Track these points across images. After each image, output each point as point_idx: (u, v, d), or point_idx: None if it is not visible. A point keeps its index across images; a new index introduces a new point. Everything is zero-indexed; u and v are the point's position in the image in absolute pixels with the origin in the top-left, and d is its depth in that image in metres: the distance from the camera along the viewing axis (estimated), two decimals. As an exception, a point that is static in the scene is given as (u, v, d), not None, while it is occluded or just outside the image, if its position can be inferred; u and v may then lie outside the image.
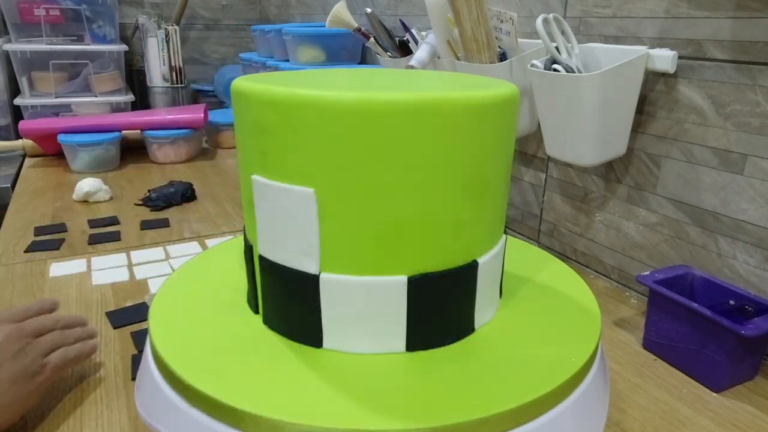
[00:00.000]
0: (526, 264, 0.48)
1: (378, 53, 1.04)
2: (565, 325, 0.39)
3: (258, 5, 2.03)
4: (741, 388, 0.53)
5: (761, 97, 0.56)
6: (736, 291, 0.57)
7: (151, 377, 0.37)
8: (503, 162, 0.36)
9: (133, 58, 1.84)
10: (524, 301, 0.42)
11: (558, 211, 0.82)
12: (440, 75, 0.43)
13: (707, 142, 0.61)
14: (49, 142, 1.22)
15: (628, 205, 0.71)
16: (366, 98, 0.30)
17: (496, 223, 0.37)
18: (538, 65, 0.68)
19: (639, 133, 0.68)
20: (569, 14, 0.75)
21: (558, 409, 0.32)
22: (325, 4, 1.54)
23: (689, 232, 0.65)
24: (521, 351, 0.35)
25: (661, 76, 0.65)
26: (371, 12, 0.98)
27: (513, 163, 0.89)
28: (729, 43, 0.58)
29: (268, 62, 1.42)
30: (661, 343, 0.57)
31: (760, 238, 0.58)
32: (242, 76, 0.38)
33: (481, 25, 0.75)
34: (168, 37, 1.64)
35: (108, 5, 1.62)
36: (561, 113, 0.68)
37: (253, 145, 0.35)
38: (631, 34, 0.67)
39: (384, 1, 1.23)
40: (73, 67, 1.60)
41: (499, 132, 0.34)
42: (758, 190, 0.57)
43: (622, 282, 0.74)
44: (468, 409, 0.30)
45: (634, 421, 0.48)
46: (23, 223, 0.91)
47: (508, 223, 0.92)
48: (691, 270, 0.61)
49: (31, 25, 1.57)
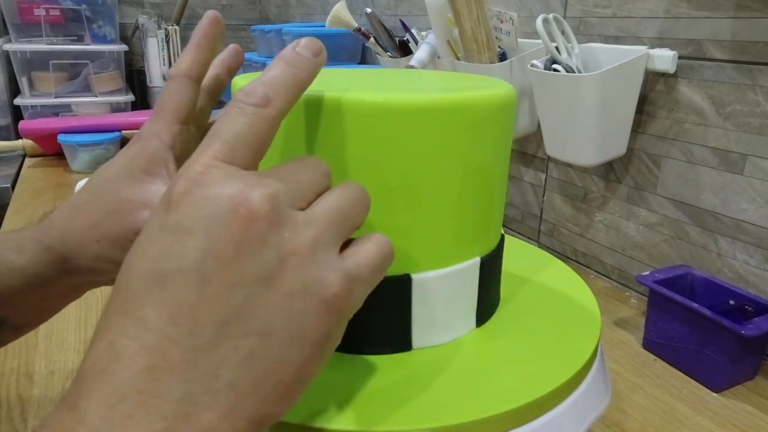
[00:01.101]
0: (526, 264, 0.47)
1: (378, 53, 1.04)
2: (565, 325, 0.39)
3: (258, 5, 2.03)
4: (741, 388, 0.53)
5: (761, 97, 0.56)
6: (736, 291, 0.57)
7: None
8: (501, 162, 0.36)
9: (133, 58, 1.84)
10: (524, 301, 0.42)
11: (558, 211, 0.82)
12: (440, 75, 0.43)
13: (707, 142, 0.61)
14: (49, 142, 1.22)
15: (628, 205, 0.71)
16: (365, 99, 0.30)
17: (495, 223, 0.37)
18: (538, 65, 0.68)
19: (639, 133, 0.68)
20: (569, 14, 0.75)
21: (558, 410, 0.32)
22: (325, 4, 1.54)
23: (689, 232, 0.65)
24: (520, 351, 0.35)
25: (661, 76, 0.65)
26: (371, 12, 0.98)
27: (513, 163, 0.89)
28: (729, 43, 0.58)
29: (268, 62, 1.41)
30: (661, 343, 0.57)
31: (760, 238, 0.58)
32: (242, 75, 0.38)
33: (481, 25, 0.75)
34: (168, 37, 1.64)
35: (108, 5, 1.62)
36: (561, 113, 0.68)
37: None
38: (631, 34, 0.67)
39: (384, 1, 1.23)
40: (73, 67, 1.60)
41: (496, 132, 0.34)
42: (758, 190, 0.57)
43: (622, 282, 0.74)
44: (467, 410, 0.29)
45: (634, 421, 0.48)
46: (23, 223, 0.91)
47: (508, 223, 0.92)
48: (691, 270, 0.61)
49: (31, 25, 1.57)
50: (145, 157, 0.33)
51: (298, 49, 0.26)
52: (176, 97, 0.34)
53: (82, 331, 0.60)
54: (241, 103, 0.23)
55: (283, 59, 0.25)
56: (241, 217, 0.20)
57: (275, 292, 0.21)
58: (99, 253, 0.32)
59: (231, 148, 0.22)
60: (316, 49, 0.26)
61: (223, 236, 0.20)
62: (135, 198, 0.32)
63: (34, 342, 0.57)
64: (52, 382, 0.51)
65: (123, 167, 0.33)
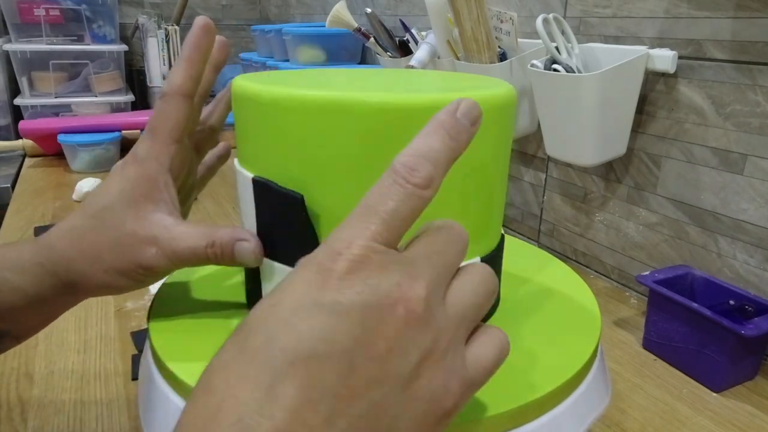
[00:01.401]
0: (526, 264, 0.47)
1: (378, 53, 1.04)
2: (565, 325, 0.39)
3: (258, 5, 2.03)
4: (741, 388, 0.53)
5: (761, 97, 0.56)
6: (736, 291, 0.57)
7: (151, 377, 0.37)
8: (501, 162, 0.36)
9: (133, 58, 1.84)
10: (524, 300, 0.42)
11: (558, 211, 0.82)
12: (440, 75, 0.43)
13: (707, 142, 0.61)
14: (49, 142, 1.22)
15: (628, 205, 0.71)
16: (365, 99, 0.30)
17: (494, 224, 0.37)
18: (538, 65, 0.68)
19: (639, 133, 0.68)
20: (569, 14, 0.75)
21: (558, 410, 0.32)
22: (325, 4, 1.54)
23: (689, 232, 0.65)
24: (520, 351, 0.35)
25: (661, 76, 0.65)
26: (371, 12, 0.98)
27: (513, 163, 0.89)
28: (729, 43, 0.58)
29: (268, 62, 1.42)
30: (661, 343, 0.57)
31: (760, 238, 0.58)
32: (241, 75, 0.38)
33: (481, 25, 0.75)
34: (168, 37, 1.64)
35: (108, 5, 1.62)
36: (561, 113, 0.68)
37: (251, 144, 0.35)
38: (631, 34, 0.67)
39: (384, 1, 1.23)
40: (73, 67, 1.60)
41: (496, 132, 0.34)
42: (758, 190, 0.57)
43: (622, 282, 0.74)
44: (467, 410, 0.29)
45: (634, 421, 0.48)
46: (23, 223, 0.91)
47: (508, 223, 0.92)
48: (691, 270, 0.61)
49: (31, 25, 1.57)
50: (146, 183, 0.33)
51: (459, 116, 0.24)
52: (172, 117, 0.34)
53: (82, 331, 0.60)
54: (403, 180, 0.22)
55: (444, 128, 0.24)
56: (398, 316, 0.20)
57: (408, 393, 0.20)
58: (105, 281, 0.33)
59: (389, 229, 0.22)
60: (476, 117, 0.25)
61: (379, 331, 0.20)
62: (142, 232, 0.32)
63: (34, 342, 0.57)
64: (52, 382, 0.51)
65: (124, 193, 0.33)
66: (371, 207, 0.22)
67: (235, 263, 0.33)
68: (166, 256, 0.32)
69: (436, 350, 0.21)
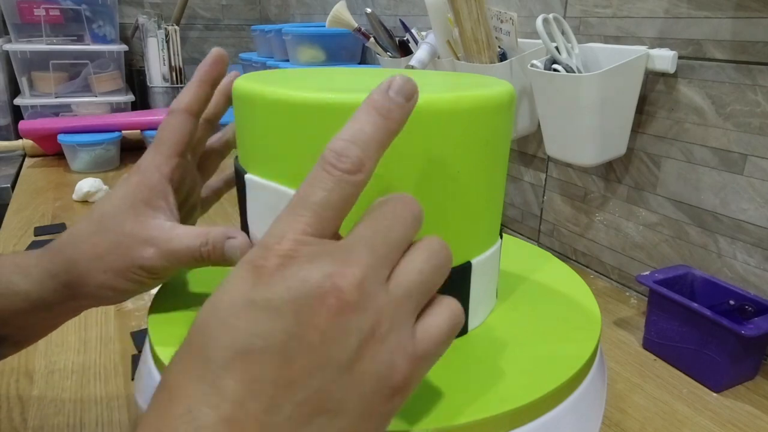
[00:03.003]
0: (526, 264, 0.47)
1: (378, 53, 1.04)
2: (564, 325, 0.39)
3: (258, 5, 2.03)
4: (741, 388, 0.53)
5: (761, 97, 0.56)
6: (736, 291, 0.57)
7: (151, 377, 0.37)
8: (500, 162, 0.36)
9: (133, 58, 1.84)
10: (523, 300, 0.42)
11: (558, 211, 0.82)
12: (440, 75, 0.43)
13: (707, 142, 0.61)
14: (49, 142, 1.22)
15: (628, 205, 0.71)
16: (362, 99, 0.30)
17: (492, 223, 0.37)
18: (538, 65, 0.68)
19: (639, 133, 0.68)
20: (569, 14, 0.75)
21: (557, 410, 0.32)
22: (325, 4, 1.54)
23: (689, 232, 0.65)
24: (519, 351, 0.35)
25: (661, 76, 0.65)
26: (371, 12, 0.98)
27: (513, 163, 0.89)
28: (729, 43, 0.58)
29: (268, 62, 1.41)
30: (661, 343, 0.57)
31: (760, 238, 0.58)
32: (241, 74, 0.39)
33: (481, 25, 0.75)
34: (168, 37, 1.64)
35: (108, 5, 1.62)
36: (561, 113, 0.68)
37: (251, 144, 0.35)
38: (631, 34, 0.67)
39: (384, 1, 1.23)
40: (73, 67, 1.60)
41: (496, 131, 0.34)
42: (758, 190, 0.57)
43: (622, 282, 0.74)
44: (465, 411, 0.29)
45: (634, 421, 0.48)
46: (23, 223, 0.91)
47: (508, 223, 0.92)
48: (691, 270, 0.61)
49: (31, 25, 1.57)
50: (146, 190, 0.35)
51: (391, 93, 0.24)
52: (177, 132, 0.37)
53: (82, 331, 0.60)
54: (331, 167, 0.22)
55: (374, 107, 0.23)
56: (329, 305, 0.21)
57: (351, 376, 0.21)
58: (104, 282, 0.34)
59: (320, 219, 0.22)
60: (410, 92, 0.24)
61: (311, 323, 0.20)
62: (139, 234, 0.33)
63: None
64: (52, 382, 0.51)
65: (126, 199, 0.35)
66: (302, 198, 0.22)
67: (227, 261, 0.34)
68: (164, 256, 0.33)
69: (377, 331, 0.21)
